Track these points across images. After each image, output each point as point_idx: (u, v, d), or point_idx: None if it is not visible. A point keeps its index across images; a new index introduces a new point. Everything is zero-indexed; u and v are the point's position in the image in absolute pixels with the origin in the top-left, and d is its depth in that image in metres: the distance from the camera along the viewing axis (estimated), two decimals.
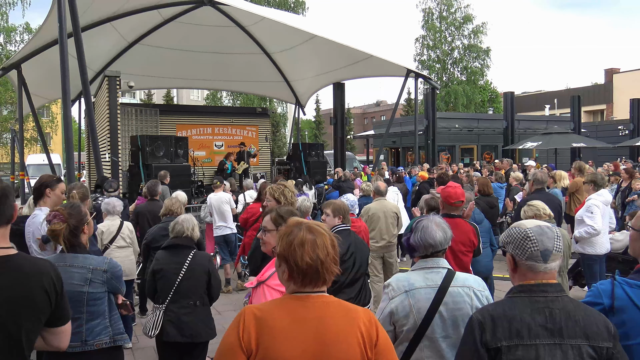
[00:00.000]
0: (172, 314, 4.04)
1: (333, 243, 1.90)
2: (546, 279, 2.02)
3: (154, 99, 43.36)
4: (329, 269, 1.85)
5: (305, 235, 1.86)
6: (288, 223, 1.97)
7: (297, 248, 1.84)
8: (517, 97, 31.39)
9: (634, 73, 40.32)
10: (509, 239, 2.12)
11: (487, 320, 1.98)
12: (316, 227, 1.91)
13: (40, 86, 13.38)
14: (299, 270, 1.83)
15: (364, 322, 1.87)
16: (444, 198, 4.46)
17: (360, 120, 67.84)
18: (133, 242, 6.19)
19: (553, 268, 2.04)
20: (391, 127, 17.94)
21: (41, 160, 23.05)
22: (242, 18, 14.79)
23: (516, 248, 2.07)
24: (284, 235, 1.91)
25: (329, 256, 1.85)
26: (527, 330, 1.92)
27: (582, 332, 1.92)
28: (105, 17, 11.95)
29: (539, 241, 2.02)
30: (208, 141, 16.62)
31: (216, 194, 8.68)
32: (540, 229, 2.07)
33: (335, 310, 1.86)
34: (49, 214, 3.21)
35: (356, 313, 1.90)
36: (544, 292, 1.99)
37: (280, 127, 40.86)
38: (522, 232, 2.07)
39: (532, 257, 2.02)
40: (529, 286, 2.02)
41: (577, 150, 20.41)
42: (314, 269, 1.82)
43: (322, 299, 1.87)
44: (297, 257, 1.83)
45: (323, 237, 1.88)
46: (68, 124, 8.21)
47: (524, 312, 1.95)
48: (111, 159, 9.75)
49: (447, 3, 37.51)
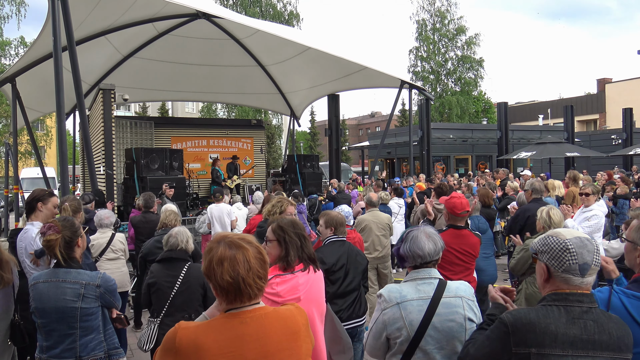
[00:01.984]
0: (167, 328, 3.97)
1: (258, 256, 1.83)
2: (581, 289, 1.97)
3: (149, 112, 43.39)
4: (252, 285, 1.78)
5: (225, 252, 1.80)
6: (212, 239, 1.92)
7: (216, 266, 1.78)
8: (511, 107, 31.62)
9: (626, 83, 40.70)
10: (545, 248, 2.03)
11: (519, 324, 1.93)
12: (237, 242, 1.84)
13: (35, 100, 13.37)
14: (221, 289, 1.78)
15: (302, 323, 1.91)
16: (450, 209, 4.43)
17: (355, 131, 68.03)
18: (125, 253, 6.15)
19: (589, 282, 1.98)
20: (386, 138, 18.00)
21: (35, 173, 22.95)
22: (237, 31, 14.86)
23: (553, 259, 1.99)
24: (205, 253, 1.85)
25: (251, 271, 1.78)
26: (561, 340, 1.88)
27: (614, 344, 1.90)
28: (100, 31, 11.98)
29: (579, 254, 1.95)
30: (203, 153, 16.60)
31: (217, 205, 8.67)
32: (580, 241, 1.99)
33: (274, 320, 1.84)
34: (43, 226, 3.19)
35: (294, 319, 1.90)
36: (579, 302, 1.94)
37: (275, 139, 40.93)
38: (562, 243, 1.98)
39: (569, 270, 1.96)
40: (565, 295, 1.96)
41: (571, 159, 20.50)
42: (235, 286, 1.76)
43: (259, 312, 1.83)
44: (217, 275, 1.77)
45: (244, 251, 1.81)
46: (62, 138, 8.18)
47: (558, 321, 1.91)
48: (106, 171, 9.72)
49: (441, 15, 37.80)
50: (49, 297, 3.08)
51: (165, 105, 45.30)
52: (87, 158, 8.93)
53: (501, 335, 1.97)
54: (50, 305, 3.07)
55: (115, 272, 5.75)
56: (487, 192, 7.95)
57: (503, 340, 1.95)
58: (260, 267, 1.82)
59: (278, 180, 15.76)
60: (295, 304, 2.03)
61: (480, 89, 40.08)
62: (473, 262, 4.40)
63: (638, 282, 2.20)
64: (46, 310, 3.09)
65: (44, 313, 3.10)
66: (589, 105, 43.26)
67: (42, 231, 3.16)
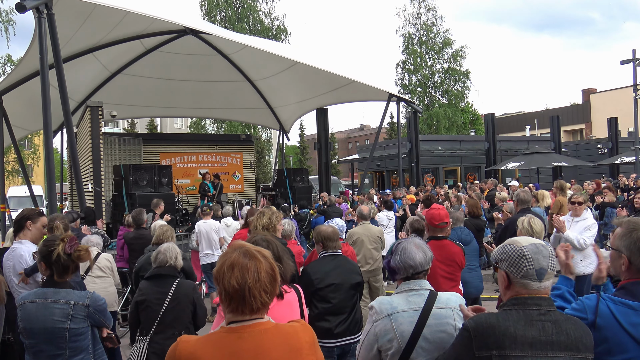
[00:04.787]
0: (156, 345, 3.96)
1: (270, 271, 1.83)
2: (539, 294, 2.05)
3: (138, 128, 43.24)
4: (256, 297, 1.77)
5: (238, 258, 1.81)
6: (230, 246, 1.94)
7: (227, 270, 1.79)
8: (498, 118, 31.89)
9: (610, 93, 41.26)
10: (503, 256, 2.12)
11: (480, 328, 2.01)
12: (253, 252, 1.85)
13: (22, 118, 13.29)
14: (226, 294, 1.79)
15: (306, 341, 1.88)
16: (428, 220, 4.47)
17: (344, 144, 68.23)
18: (113, 272, 6.09)
19: (547, 287, 2.07)
20: (375, 150, 18.07)
21: (23, 192, 22.73)
22: (225, 46, 14.92)
23: (511, 266, 2.08)
24: (220, 257, 1.88)
25: (259, 282, 1.78)
26: (521, 341, 1.94)
27: (573, 345, 1.96)
28: (88, 48, 11.98)
29: (535, 260, 2.04)
30: (192, 169, 16.57)
31: (205, 221, 8.62)
32: (536, 248, 2.08)
33: (274, 336, 1.82)
34: (67, 242, 3.14)
35: (296, 336, 1.87)
36: (537, 306, 2.01)
37: (264, 153, 40.89)
38: (518, 250, 2.08)
39: (527, 276, 2.04)
40: (523, 299, 2.04)
41: (558, 169, 20.70)
42: (240, 293, 1.76)
43: (259, 327, 1.81)
44: (225, 279, 1.78)
45: (257, 262, 1.81)
46: (50, 156, 8.14)
47: (517, 323, 1.98)
48: (94, 189, 9.67)
49: (427, 28, 38.23)
50: (37, 317, 3.04)
51: (154, 121, 45.18)
52: (75, 176, 8.87)
53: (464, 340, 2.05)
54: (38, 326, 3.03)
55: (102, 291, 5.68)
56: (475, 203, 8.01)
57: (466, 345, 2.03)
58: (269, 283, 1.81)
59: (268, 195, 15.75)
60: (301, 321, 2.00)
61: (468, 101, 40.47)
62: (458, 272, 4.39)
63: (625, 289, 2.22)
64: (34, 330, 3.04)
65: (31, 333, 3.06)
66: (575, 116, 43.79)
67: (68, 248, 3.12)
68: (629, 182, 15.24)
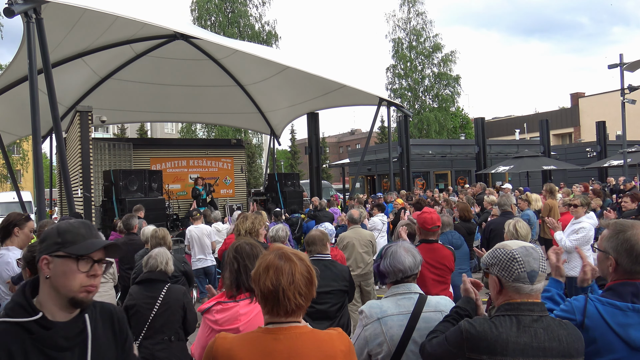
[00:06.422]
0: (146, 351, 3.93)
1: (305, 274, 1.85)
2: (532, 298, 2.06)
3: (128, 133, 43.04)
4: (290, 298, 1.80)
5: (274, 260, 1.84)
6: (270, 248, 1.97)
7: (262, 272, 1.83)
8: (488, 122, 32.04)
9: (598, 97, 41.65)
10: (494, 261, 2.13)
11: (473, 331, 2.03)
12: (289, 255, 1.87)
13: (10, 123, 13.19)
14: (262, 295, 1.83)
15: (341, 350, 1.87)
16: (420, 224, 4.48)
17: (335, 149, 68.30)
18: (114, 277, 6.06)
19: (539, 289, 2.08)
20: (366, 155, 18.09)
21: (11, 198, 22.48)
22: (215, 51, 14.90)
23: (502, 270, 2.08)
24: (259, 259, 1.91)
25: (293, 284, 1.80)
26: (512, 348, 1.96)
27: (565, 350, 1.97)
28: (77, 53, 11.91)
29: (526, 262, 2.05)
30: (183, 174, 16.50)
31: (197, 226, 8.58)
32: (525, 250, 2.09)
33: (308, 341, 1.83)
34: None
35: (331, 343, 1.88)
36: (530, 312, 2.02)
37: (255, 158, 40.81)
38: (509, 254, 2.08)
39: (519, 279, 2.04)
40: (516, 304, 2.05)
41: (548, 172, 20.84)
42: (274, 295, 1.80)
43: (295, 331, 1.84)
44: (261, 281, 1.82)
45: (292, 265, 1.84)
46: (38, 161, 8.06)
47: (510, 330, 1.99)
48: (84, 194, 9.59)
49: (416, 33, 38.41)
50: None
51: (144, 126, 44.96)
52: (65, 181, 8.80)
53: (457, 339, 2.09)
54: None
55: (103, 295, 5.66)
56: (466, 207, 8.06)
57: (459, 343, 2.08)
58: (304, 285, 1.84)
59: (259, 200, 15.72)
60: (339, 329, 2.01)
61: (458, 105, 40.69)
62: (448, 276, 4.41)
63: (612, 289, 2.24)
64: None
65: None
66: (564, 119, 44.15)
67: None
68: (619, 182, 15.31)
